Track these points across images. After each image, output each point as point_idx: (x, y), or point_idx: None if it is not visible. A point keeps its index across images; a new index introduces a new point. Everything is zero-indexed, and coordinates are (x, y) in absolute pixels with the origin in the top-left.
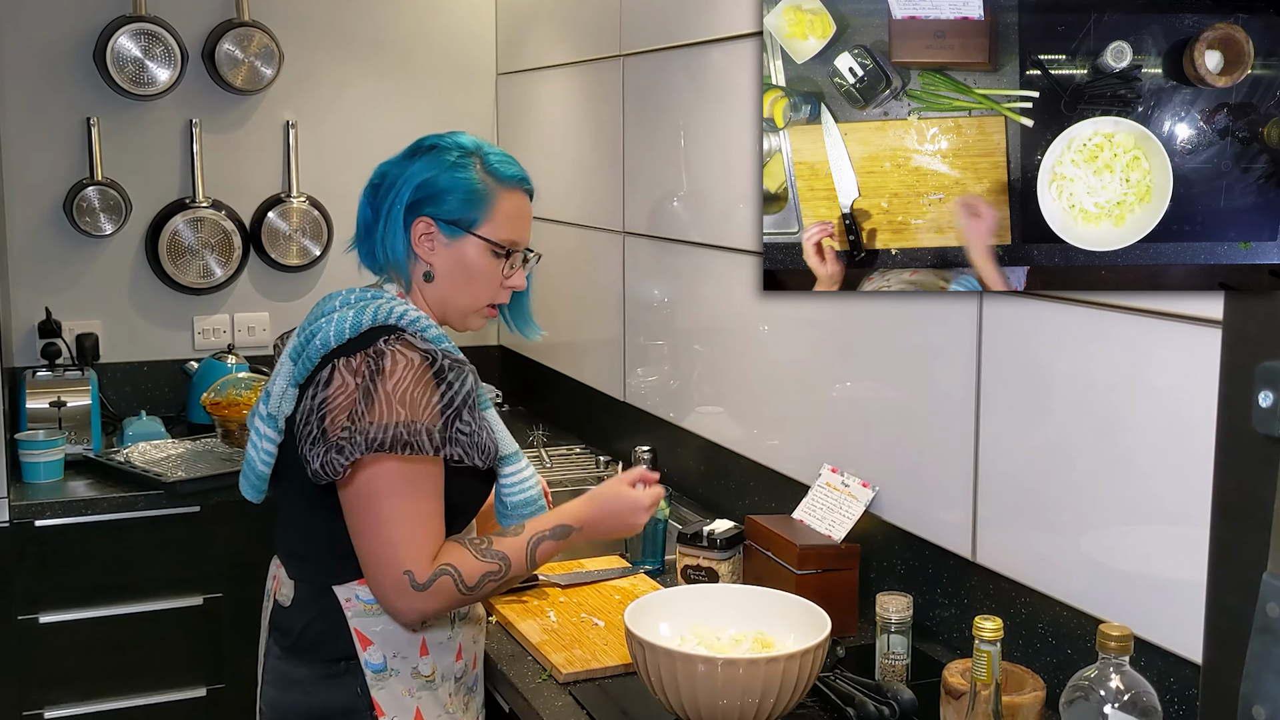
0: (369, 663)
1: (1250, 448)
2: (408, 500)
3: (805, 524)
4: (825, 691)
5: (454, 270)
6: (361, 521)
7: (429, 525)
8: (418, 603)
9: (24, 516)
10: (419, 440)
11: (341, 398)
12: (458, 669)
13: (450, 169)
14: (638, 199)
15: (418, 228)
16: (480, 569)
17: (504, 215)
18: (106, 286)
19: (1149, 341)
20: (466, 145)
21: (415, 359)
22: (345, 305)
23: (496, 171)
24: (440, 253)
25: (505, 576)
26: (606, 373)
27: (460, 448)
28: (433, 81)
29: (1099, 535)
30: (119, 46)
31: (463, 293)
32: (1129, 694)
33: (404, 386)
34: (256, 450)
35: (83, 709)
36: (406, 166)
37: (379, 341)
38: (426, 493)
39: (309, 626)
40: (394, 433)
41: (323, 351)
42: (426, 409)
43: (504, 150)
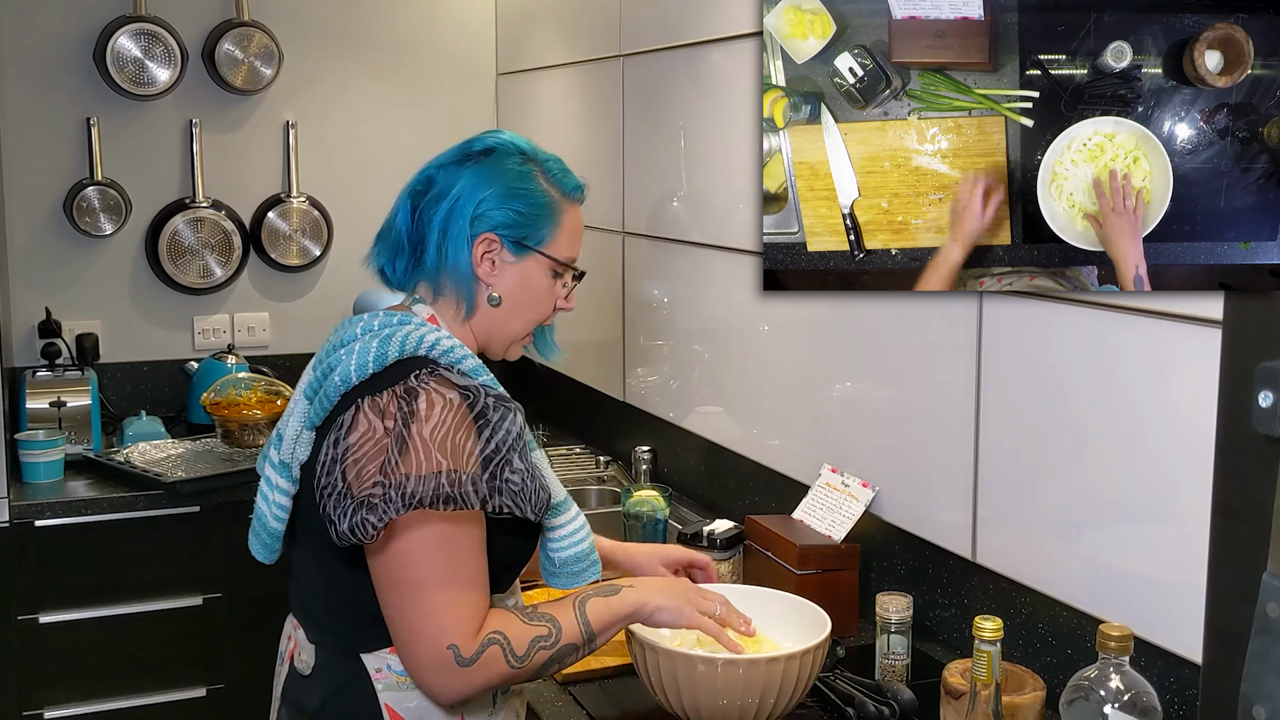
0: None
1: (1250, 448)
2: (450, 563)
3: (805, 524)
4: (825, 691)
5: (516, 292)
6: (396, 588)
7: (475, 591)
8: (461, 681)
9: (24, 516)
10: (464, 493)
11: (369, 445)
12: None
13: (517, 179)
14: (638, 199)
15: (479, 246)
16: (529, 634)
17: (569, 231)
18: (106, 286)
19: (1149, 341)
20: (525, 149)
21: (455, 398)
22: (368, 333)
23: (559, 182)
24: (503, 273)
25: (558, 643)
26: (606, 373)
27: (510, 498)
28: (433, 81)
29: (1099, 535)
30: (119, 46)
31: (518, 317)
32: (1129, 694)
33: (444, 431)
34: (268, 503)
35: (83, 709)
36: (459, 173)
37: (410, 377)
38: (471, 553)
39: (329, 700)
40: (435, 485)
41: (343, 389)
42: (470, 457)
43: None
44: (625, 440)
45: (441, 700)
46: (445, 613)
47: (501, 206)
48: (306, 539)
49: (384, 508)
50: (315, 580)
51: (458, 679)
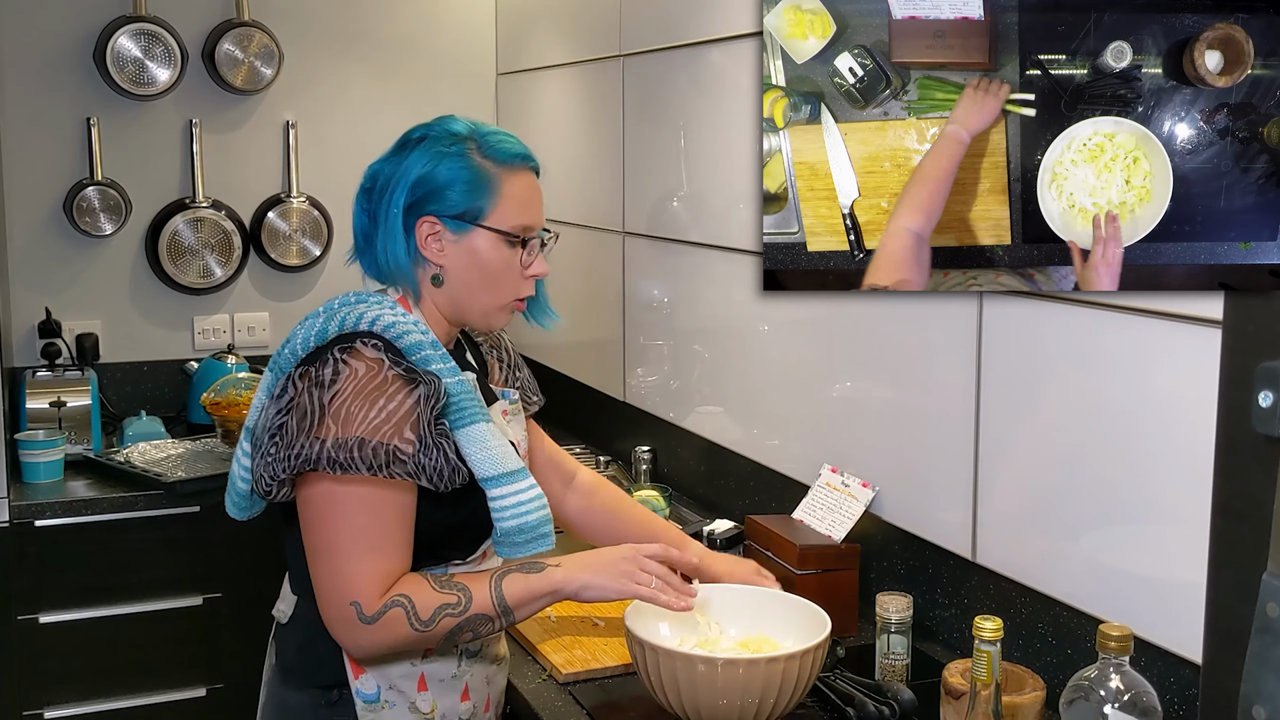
0: (360, 691)
1: (1250, 448)
2: (359, 524)
3: (805, 524)
4: (825, 691)
5: (468, 269)
6: (311, 546)
7: (383, 553)
8: (365, 637)
9: (24, 516)
10: (350, 459)
11: (291, 412)
12: (464, 709)
13: (446, 159)
14: (638, 199)
15: (422, 228)
16: (436, 600)
17: (512, 199)
18: (106, 286)
19: (1149, 341)
20: (459, 131)
21: (359, 369)
22: (326, 311)
23: (496, 153)
24: (450, 252)
25: (466, 613)
26: (606, 373)
27: (404, 469)
28: (433, 81)
29: (1099, 535)
30: (119, 46)
31: (481, 291)
32: (1129, 694)
33: (341, 400)
34: (238, 465)
35: (83, 709)
36: (398, 164)
37: (331, 351)
38: (382, 517)
39: (303, 647)
40: (325, 450)
41: (293, 361)
42: (364, 424)
43: (502, 129)
44: (625, 440)
45: (353, 655)
46: (351, 571)
47: (434, 189)
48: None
49: (279, 468)
50: (287, 538)
51: (363, 635)
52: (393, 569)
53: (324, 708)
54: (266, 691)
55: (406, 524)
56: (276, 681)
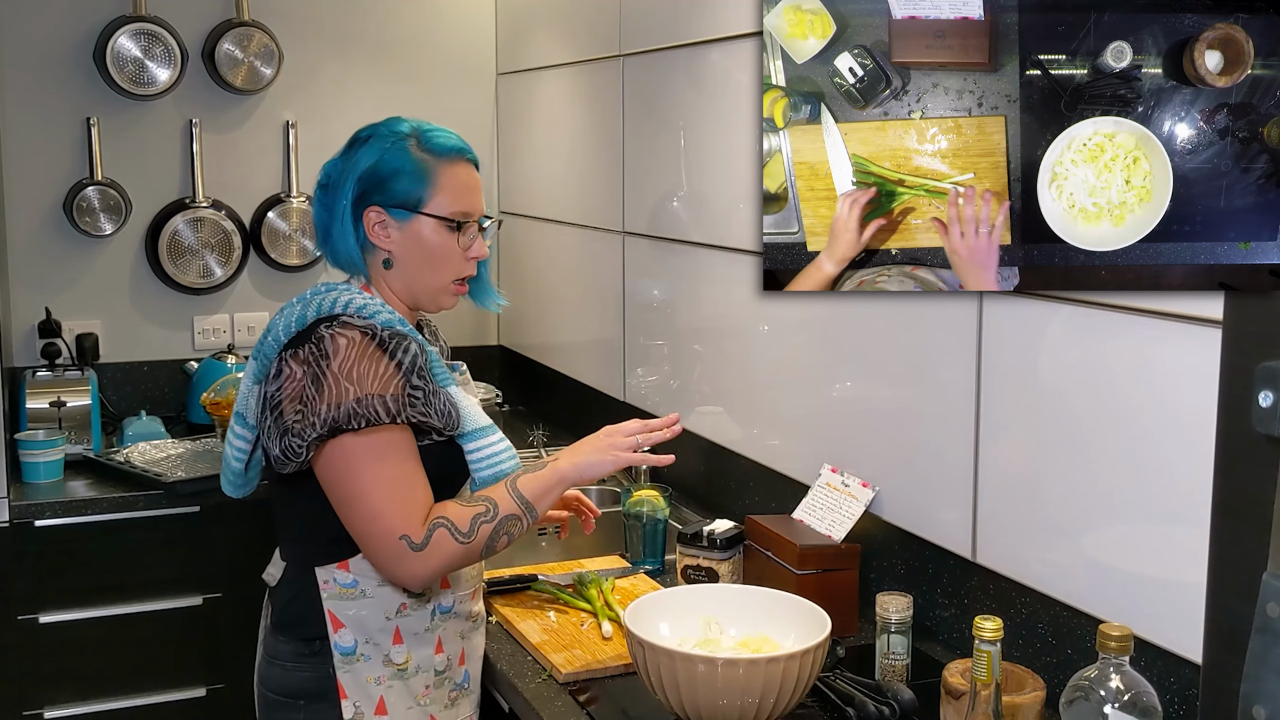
0: (338, 645)
1: (1250, 448)
2: (383, 467)
3: (805, 524)
4: (825, 691)
5: (412, 253)
6: (344, 504)
7: (412, 487)
8: (421, 565)
9: (24, 516)
10: (373, 411)
11: (291, 387)
12: (438, 662)
13: (388, 153)
14: (638, 199)
15: (369, 218)
16: (469, 512)
17: (449, 188)
18: (106, 286)
19: (1149, 341)
20: (402, 129)
21: (355, 336)
22: (300, 301)
23: (434, 146)
24: (395, 238)
25: (496, 516)
26: (606, 373)
27: (417, 411)
28: (433, 81)
29: (1099, 535)
30: (119, 46)
31: (426, 273)
32: (1129, 694)
33: (349, 364)
34: (231, 447)
35: (83, 709)
36: (347, 160)
37: (320, 328)
38: (401, 457)
39: (290, 605)
40: (347, 409)
41: (277, 348)
42: (375, 380)
43: (447, 129)
44: None
45: (413, 587)
46: (390, 510)
47: (378, 180)
48: (269, 475)
49: (306, 431)
50: (280, 509)
51: (419, 564)
52: (425, 499)
53: (307, 656)
54: (261, 642)
55: (420, 463)
56: (268, 631)
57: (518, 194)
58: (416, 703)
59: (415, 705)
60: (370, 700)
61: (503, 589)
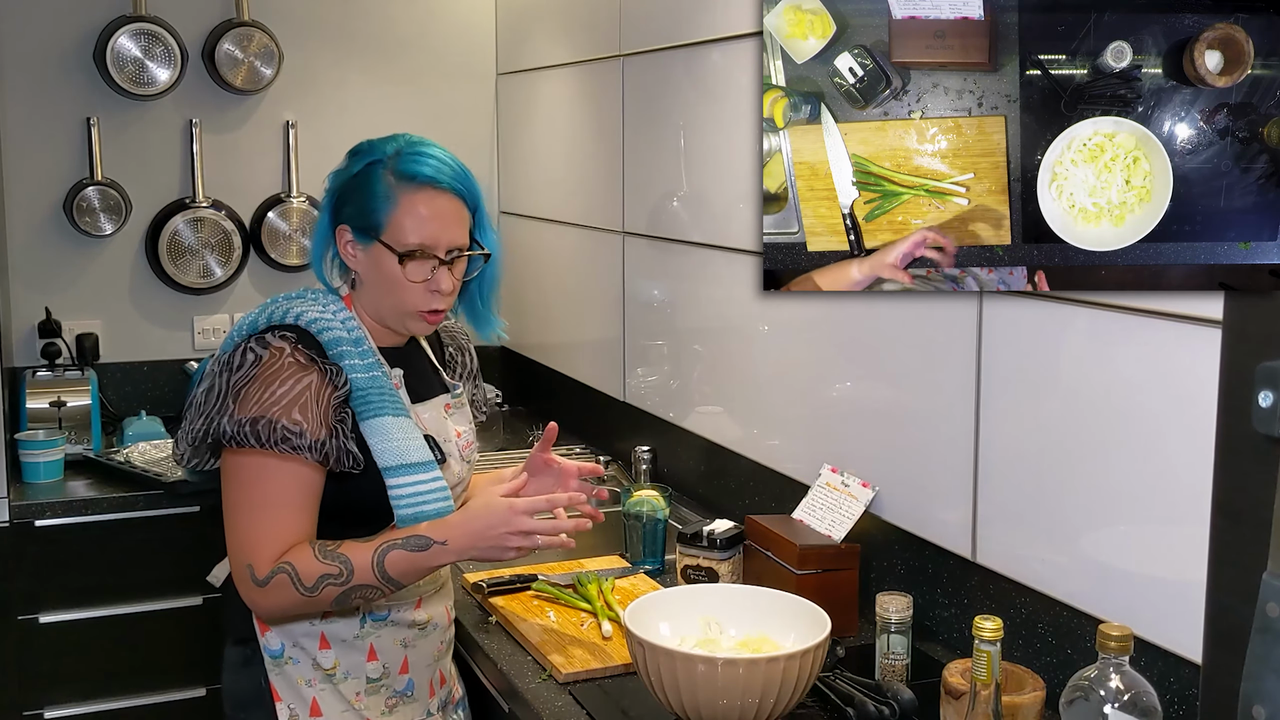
0: (266, 648)
1: (1250, 448)
2: (252, 492)
3: (805, 524)
4: (825, 691)
5: (373, 276)
6: (223, 512)
7: (277, 521)
8: (258, 598)
9: (24, 516)
10: (243, 434)
11: (198, 391)
12: (370, 669)
13: (361, 174)
14: (638, 199)
15: (341, 235)
16: (319, 570)
17: (407, 219)
18: (106, 286)
19: (1149, 341)
20: (387, 149)
21: (263, 356)
22: (261, 309)
23: (402, 172)
24: (360, 259)
25: (349, 584)
26: (606, 373)
27: (289, 445)
28: (433, 81)
29: (1099, 535)
30: (119, 46)
31: (386, 297)
32: (1129, 694)
33: (243, 382)
34: None
35: (83, 709)
36: (337, 174)
37: (247, 341)
38: (280, 487)
39: (226, 607)
40: (224, 426)
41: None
42: (255, 404)
43: (442, 152)
44: (625, 440)
45: (257, 615)
46: (246, 535)
47: (346, 201)
48: None
49: (184, 438)
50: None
51: (259, 596)
52: (285, 536)
53: (244, 663)
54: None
55: (304, 496)
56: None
57: (518, 194)
58: (351, 707)
59: (350, 709)
60: (304, 702)
61: (503, 589)
